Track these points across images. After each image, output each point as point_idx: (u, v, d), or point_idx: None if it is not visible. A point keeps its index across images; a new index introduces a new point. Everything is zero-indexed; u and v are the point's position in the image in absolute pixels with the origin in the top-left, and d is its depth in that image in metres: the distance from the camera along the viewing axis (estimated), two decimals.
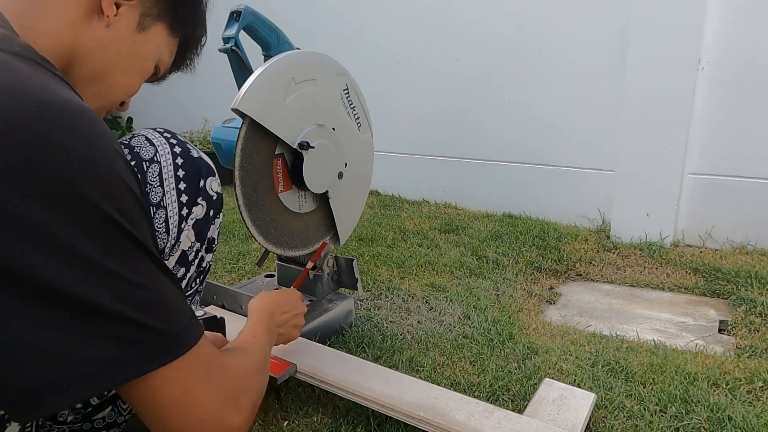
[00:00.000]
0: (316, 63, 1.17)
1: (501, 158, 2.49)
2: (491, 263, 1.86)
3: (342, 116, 1.25)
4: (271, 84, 1.08)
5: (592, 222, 2.26)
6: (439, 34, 2.53)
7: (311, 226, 1.29)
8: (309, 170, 1.18)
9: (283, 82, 1.10)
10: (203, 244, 0.74)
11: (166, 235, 0.68)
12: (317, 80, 1.16)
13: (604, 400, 1.04)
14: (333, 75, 1.21)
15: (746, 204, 1.93)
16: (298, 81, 1.12)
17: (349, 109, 1.26)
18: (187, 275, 0.72)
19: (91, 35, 0.60)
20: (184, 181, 0.70)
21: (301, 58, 1.15)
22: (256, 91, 1.05)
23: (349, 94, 1.26)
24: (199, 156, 0.73)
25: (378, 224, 2.30)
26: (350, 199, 1.34)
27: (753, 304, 1.49)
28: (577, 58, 2.19)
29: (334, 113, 1.23)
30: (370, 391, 0.97)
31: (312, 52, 1.17)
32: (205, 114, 3.57)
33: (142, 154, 0.67)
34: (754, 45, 1.83)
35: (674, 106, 1.93)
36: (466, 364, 1.20)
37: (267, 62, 1.09)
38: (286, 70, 1.10)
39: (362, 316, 1.44)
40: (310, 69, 1.15)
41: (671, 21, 1.89)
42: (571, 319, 1.52)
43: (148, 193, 0.67)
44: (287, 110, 1.12)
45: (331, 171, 1.25)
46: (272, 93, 1.08)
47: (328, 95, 1.21)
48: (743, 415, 0.98)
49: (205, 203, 0.73)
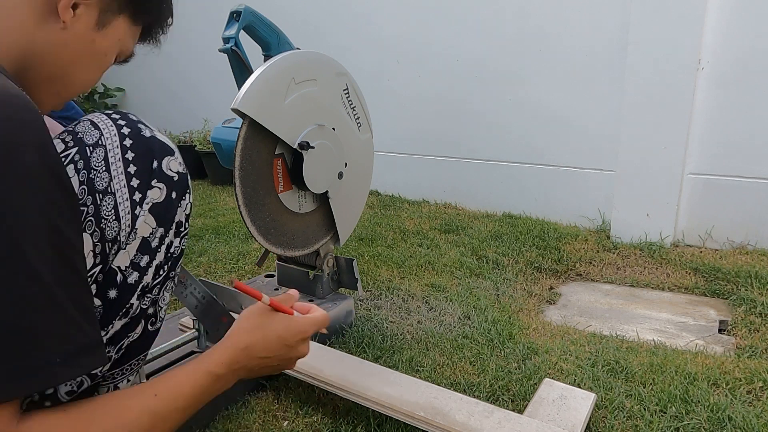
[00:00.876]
0: (317, 63, 1.17)
1: (501, 158, 2.49)
2: (491, 263, 1.86)
3: (342, 116, 1.25)
4: (271, 84, 1.08)
5: (592, 222, 2.26)
6: (439, 34, 2.53)
7: (311, 227, 1.29)
8: (309, 170, 1.18)
9: (283, 82, 1.10)
10: (169, 228, 0.68)
11: (117, 222, 0.62)
12: (317, 80, 1.16)
13: (604, 400, 1.04)
14: (333, 75, 1.21)
15: (746, 204, 1.93)
16: (299, 81, 1.12)
17: (349, 109, 1.27)
18: (153, 262, 0.67)
19: (46, 38, 0.59)
20: (133, 164, 0.64)
21: (301, 58, 1.15)
22: (256, 91, 1.05)
23: (350, 94, 1.26)
24: (152, 135, 0.66)
25: (378, 224, 2.30)
26: (350, 199, 1.34)
27: (753, 304, 1.49)
28: (578, 57, 2.19)
29: (334, 113, 1.23)
30: (369, 392, 0.97)
31: (312, 52, 1.17)
32: (206, 114, 3.57)
33: (85, 138, 0.62)
34: (754, 45, 1.83)
35: (674, 106, 1.93)
36: (466, 364, 1.20)
37: (267, 62, 1.09)
38: (286, 70, 1.10)
39: (362, 316, 1.44)
40: (311, 69, 1.15)
41: (671, 21, 1.89)
42: (571, 319, 1.52)
43: (93, 179, 0.61)
44: (287, 110, 1.12)
45: (331, 171, 1.25)
46: (272, 93, 1.08)
47: (329, 95, 1.21)
48: (743, 415, 0.98)
49: (163, 185, 0.66)
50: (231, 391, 1.06)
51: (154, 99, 4.00)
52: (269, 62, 1.09)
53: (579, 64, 2.19)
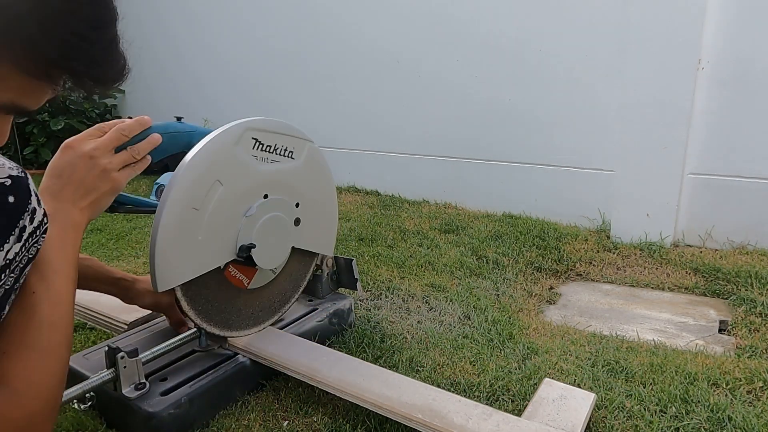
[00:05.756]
0: (206, 163, 0.95)
1: (501, 158, 2.49)
2: (491, 263, 1.86)
3: (268, 173, 1.06)
4: (174, 241, 0.93)
5: (592, 222, 2.26)
6: (438, 35, 2.53)
7: (297, 266, 1.24)
8: (263, 258, 1.08)
9: (185, 226, 0.94)
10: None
11: None
12: (219, 179, 0.97)
13: (604, 400, 1.04)
14: (232, 152, 0.99)
15: (746, 204, 1.93)
16: (200, 205, 0.95)
17: (270, 155, 1.07)
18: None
19: None
20: None
21: (186, 179, 0.93)
22: (164, 266, 0.92)
23: (261, 142, 1.04)
24: None
25: (378, 224, 2.30)
26: (319, 222, 1.23)
27: (753, 304, 1.49)
28: (577, 58, 2.19)
29: (257, 182, 1.05)
30: (368, 393, 0.97)
31: (195, 155, 0.94)
32: (206, 114, 3.57)
33: None
34: (754, 45, 1.83)
35: (674, 106, 1.93)
36: (466, 364, 1.20)
37: (157, 216, 0.92)
38: (180, 211, 0.93)
39: (362, 316, 1.44)
40: (204, 179, 0.95)
41: (671, 21, 1.88)
42: (571, 319, 1.52)
43: None
44: (208, 240, 0.98)
45: (286, 234, 1.14)
46: (181, 247, 0.94)
47: (240, 176, 1.01)
48: (743, 415, 0.98)
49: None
50: (231, 391, 1.06)
51: (154, 99, 4.00)
52: (160, 214, 0.91)
53: (579, 63, 2.19)
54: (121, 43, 0.62)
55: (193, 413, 0.98)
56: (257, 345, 1.12)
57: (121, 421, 0.98)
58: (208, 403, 1.02)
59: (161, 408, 0.94)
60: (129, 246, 2.11)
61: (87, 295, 1.53)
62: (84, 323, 1.44)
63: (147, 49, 3.82)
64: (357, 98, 2.88)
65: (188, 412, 0.97)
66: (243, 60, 3.30)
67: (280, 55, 3.14)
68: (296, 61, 3.07)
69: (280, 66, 3.16)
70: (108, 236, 2.23)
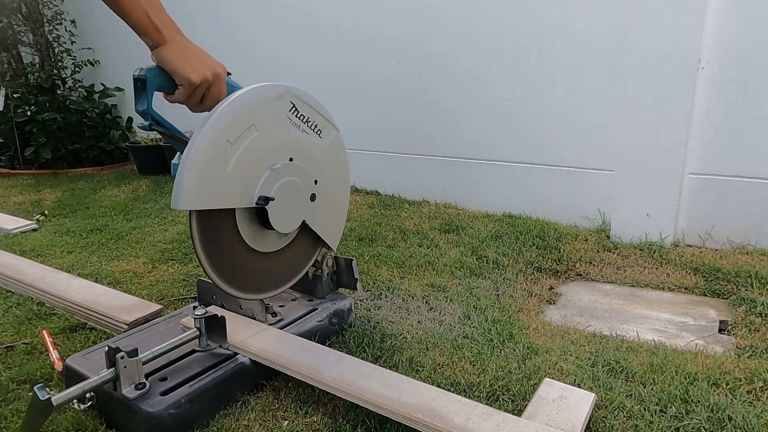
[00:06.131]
0: (248, 106, 1.02)
1: (501, 158, 2.49)
2: (491, 263, 1.86)
3: (297, 139, 1.13)
4: (204, 165, 0.96)
5: (592, 222, 2.26)
6: (438, 34, 2.53)
7: (300, 250, 1.26)
8: (276, 219, 1.11)
9: (217, 154, 0.98)
10: None
11: None
12: (255, 124, 1.03)
13: (604, 400, 1.04)
14: (271, 106, 1.07)
15: (746, 204, 1.93)
16: (234, 140, 1.00)
17: (302, 124, 1.14)
18: None
19: None
20: None
21: (227, 113, 0.99)
22: (190, 182, 0.95)
23: (297, 109, 1.12)
24: None
25: (378, 224, 2.30)
26: (331, 209, 1.28)
27: (753, 304, 1.49)
28: (577, 57, 2.19)
29: (286, 144, 1.11)
30: (368, 393, 0.97)
31: (240, 95, 1.02)
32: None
33: None
34: (754, 45, 1.83)
35: (674, 106, 1.93)
36: (466, 364, 1.20)
37: (193, 138, 0.97)
38: (215, 138, 0.97)
39: (362, 316, 1.44)
40: (243, 118, 1.01)
41: (671, 21, 1.88)
42: (571, 319, 1.52)
43: None
44: (232, 177, 1.01)
45: (301, 203, 1.18)
46: (209, 173, 0.98)
47: (274, 131, 1.08)
48: (743, 415, 0.98)
49: None
50: (231, 391, 1.06)
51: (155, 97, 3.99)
52: (195, 139, 0.96)
53: (579, 63, 2.19)
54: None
55: (193, 413, 0.98)
56: (257, 345, 1.12)
57: (121, 421, 0.98)
58: (208, 403, 1.02)
59: (161, 408, 0.94)
60: (129, 246, 2.10)
61: (87, 295, 1.53)
62: (84, 323, 1.44)
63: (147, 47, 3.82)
64: (357, 98, 2.88)
65: (188, 412, 0.97)
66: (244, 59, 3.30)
67: (282, 57, 3.14)
68: (297, 61, 3.07)
69: (281, 66, 3.16)
70: (108, 236, 2.23)
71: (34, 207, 2.78)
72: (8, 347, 1.31)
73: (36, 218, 2.52)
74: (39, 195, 3.06)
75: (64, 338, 1.37)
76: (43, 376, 1.19)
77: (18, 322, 1.45)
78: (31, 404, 0.88)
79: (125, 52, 3.97)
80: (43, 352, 1.29)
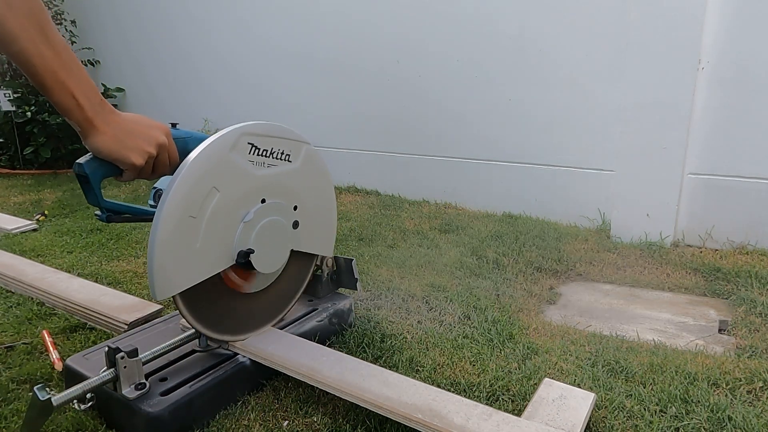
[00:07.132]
0: (202, 171, 0.94)
1: (501, 158, 2.49)
2: (491, 263, 1.86)
3: (265, 177, 1.05)
4: (172, 249, 0.92)
5: (592, 222, 2.26)
6: (438, 34, 2.53)
7: (295, 270, 1.23)
8: (262, 263, 1.07)
9: (183, 234, 0.92)
10: None
11: None
12: (216, 186, 0.96)
13: (604, 400, 1.04)
14: (228, 158, 0.98)
15: (746, 204, 1.93)
16: (197, 212, 0.94)
17: (267, 159, 1.06)
18: None
19: None
20: None
21: (182, 186, 0.92)
22: (162, 273, 0.91)
23: (257, 146, 1.03)
24: None
25: (378, 224, 2.30)
26: (317, 223, 1.23)
27: (753, 304, 1.49)
28: (578, 57, 2.19)
29: (255, 186, 1.04)
30: (368, 393, 0.97)
31: (191, 163, 0.93)
32: (206, 113, 3.57)
33: None
34: (754, 45, 1.83)
35: (674, 106, 1.93)
36: (466, 364, 1.20)
37: (155, 222, 0.91)
38: (177, 219, 0.91)
39: (362, 316, 1.44)
40: (200, 187, 0.94)
41: (671, 21, 1.89)
42: (571, 319, 1.52)
43: None
44: (205, 248, 0.97)
45: (284, 237, 1.13)
46: (180, 255, 0.93)
47: (237, 182, 1.00)
48: (743, 415, 0.98)
49: None
50: (231, 391, 1.06)
51: (153, 99, 3.99)
52: (157, 220, 0.90)
53: (579, 63, 2.19)
54: None
55: (193, 413, 0.98)
56: (257, 345, 1.12)
57: (121, 422, 0.98)
58: (208, 403, 1.02)
59: (161, 408, 0.94)
60: (129, 246, 2.10)
61: (87, 295, 1.53)
62: (84, 323, 1.44)
63: (148, 46, 3.83)
64: (357, 98, 2.88)
65: (188, 412, 0.97)
66: (244, 58, 3.30)
67: (282, 54, 3.14)
68: (297, 61, 3.07)
69: (281, 65, 3.16)
70: (108, 236, 2.23)
71: (34, 207, 2.78)
72: (8, 347, 1.31)
73: (36, 218, 2.52)
74: (39, 195, 3.06)
75: (64, 338, 1.37)
76: (43, 376, 1.19)
77: (18, 322, 1.45)
78: (31, 404, 0.88)
79: (126, 53, 3.97)
80: (43, 352, 1.29)
